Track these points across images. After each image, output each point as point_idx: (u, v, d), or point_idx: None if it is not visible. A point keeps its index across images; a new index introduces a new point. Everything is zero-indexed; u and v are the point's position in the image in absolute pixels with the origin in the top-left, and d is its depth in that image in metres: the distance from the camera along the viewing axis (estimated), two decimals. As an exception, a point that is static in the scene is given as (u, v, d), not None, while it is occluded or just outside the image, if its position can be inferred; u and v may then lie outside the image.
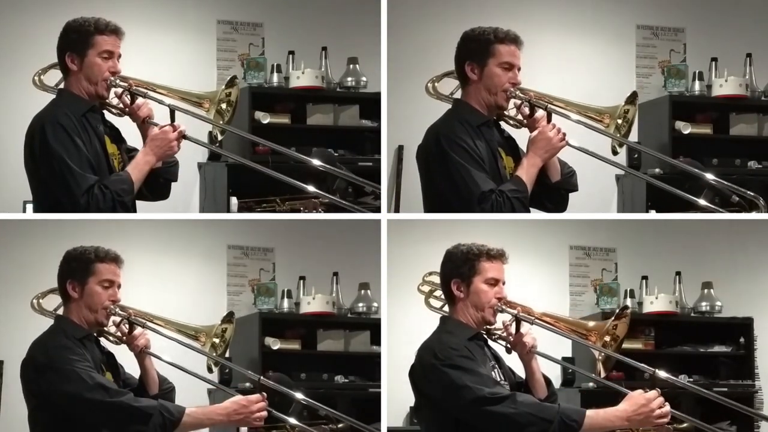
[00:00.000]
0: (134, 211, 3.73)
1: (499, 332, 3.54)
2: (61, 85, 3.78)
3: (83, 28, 3.67)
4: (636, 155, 5.85)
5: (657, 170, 5.68)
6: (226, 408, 3.53)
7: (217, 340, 3.70)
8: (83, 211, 3.56)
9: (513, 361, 3.60)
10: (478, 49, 3.69)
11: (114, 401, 3.39)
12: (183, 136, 3.69)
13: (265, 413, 3.55)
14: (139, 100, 3.73)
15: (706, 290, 6.15)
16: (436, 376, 3.32)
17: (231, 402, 3.54)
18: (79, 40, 3.67)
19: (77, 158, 3.56)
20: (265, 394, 3.56)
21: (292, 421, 3.75)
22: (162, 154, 3.69)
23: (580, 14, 6.18)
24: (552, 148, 3.68)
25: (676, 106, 6.06)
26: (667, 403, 3.32)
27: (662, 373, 3.53)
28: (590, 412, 3.29)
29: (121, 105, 3.74)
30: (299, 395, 3.79)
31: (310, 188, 3.78)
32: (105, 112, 3.80)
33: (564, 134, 3.69)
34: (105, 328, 3.66)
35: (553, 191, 3.78)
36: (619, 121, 3.70)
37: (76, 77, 3.68)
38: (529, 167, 3.67)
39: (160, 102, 3.77)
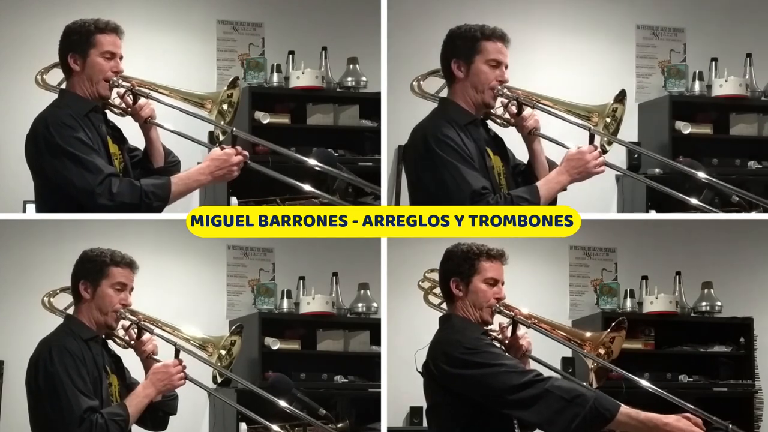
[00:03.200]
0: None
1: (494, 334, 3.54)
2: (63, 86, 3.77)
3: (84, 28, 3.67)
4: (636, 156, 5.85)
5: (657, 170, 5.68)
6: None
7: (223, 352, 3.70)
8: (101, 199, 3.52)
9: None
10: (464, 47, 3.65)
11: None
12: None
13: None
14: (142, 101, 3.73)
15: (706, 290, 6.15)
16: (470, 365, 3.30)
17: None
18: (80, 40, 3.67)
19: (87, 151, 3.56)
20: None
21: (275, 428, 3.77)
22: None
23: (580, 14, 6.18)
24: (585, 171, 3.58)
25: (676, 106, 6.05)
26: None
27: (644, 382, 3.60)
28: (629, 409, 3.27)
29: (123, 105, 3.75)
30: (282, 403, 3.78)
31: (307, 188, 3.77)
32: (107, 112, 3.79)
33: (603, 162, 3.59)
34: (113, 332, 3.67)
35: None
36: (608, 120, 3.66)
37: (79, 78, 3.69)
38: (554, 183, 3.60)
39: (162, 102, 3.77)
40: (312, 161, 3.80)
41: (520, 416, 3.31)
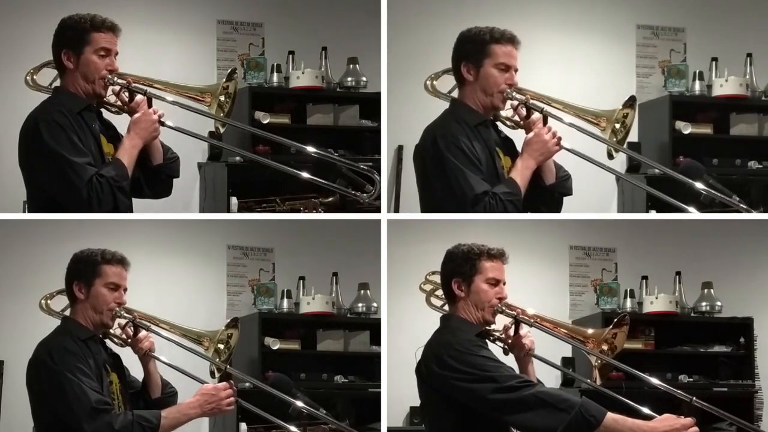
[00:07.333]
0: (130, 200, 3.66)
1: (497, 333, 3.55)
2: (57, 83, 3.71)
3: (79, 25, 3.61)
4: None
5: (657, 171, 5.66)
6: (197, 401, 3.57)
7: (221, 346, 3.70)
8: (85, 203, 3.50)
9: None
10: (473, 50, 3.67)
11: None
12: (160, 118, 3.64)
13: (233, 399, 3.59)
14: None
15: (706, 290, 6.15)
16: (456, 369, 3.31)
17: (200, 394, 3.57)
18: (75, 37, 3.60)
19: (75, 152, 3.51)
20: (231, 381, 3.62)
21: (293, 428, 3.75)
22: (146, 136, 3.63)
23: (580, 14, 6.18)
24: (547, 151, 3.66)
25: (676, 106, 6.05)
26: None
27: (654, 380, 3.57)
28: (615, 415, 3.27)
29: (119, 103, 3.68)
30: (299, 403, 3.78)
31: (304, 175, 3.80)
32: (103, 110, 3.75)
33: (559, 138, 3.67)
34: (110, 330, 3.67)
35: (547, 194, 3.75)
36: (617, 126, 3.68)
37: (73, 75, 3.62)
38: (523, 169, 3.65)
39: (160, 98, 3.70)
40: (311, 149, 3.82)
41: (506, 421, 3.31)
